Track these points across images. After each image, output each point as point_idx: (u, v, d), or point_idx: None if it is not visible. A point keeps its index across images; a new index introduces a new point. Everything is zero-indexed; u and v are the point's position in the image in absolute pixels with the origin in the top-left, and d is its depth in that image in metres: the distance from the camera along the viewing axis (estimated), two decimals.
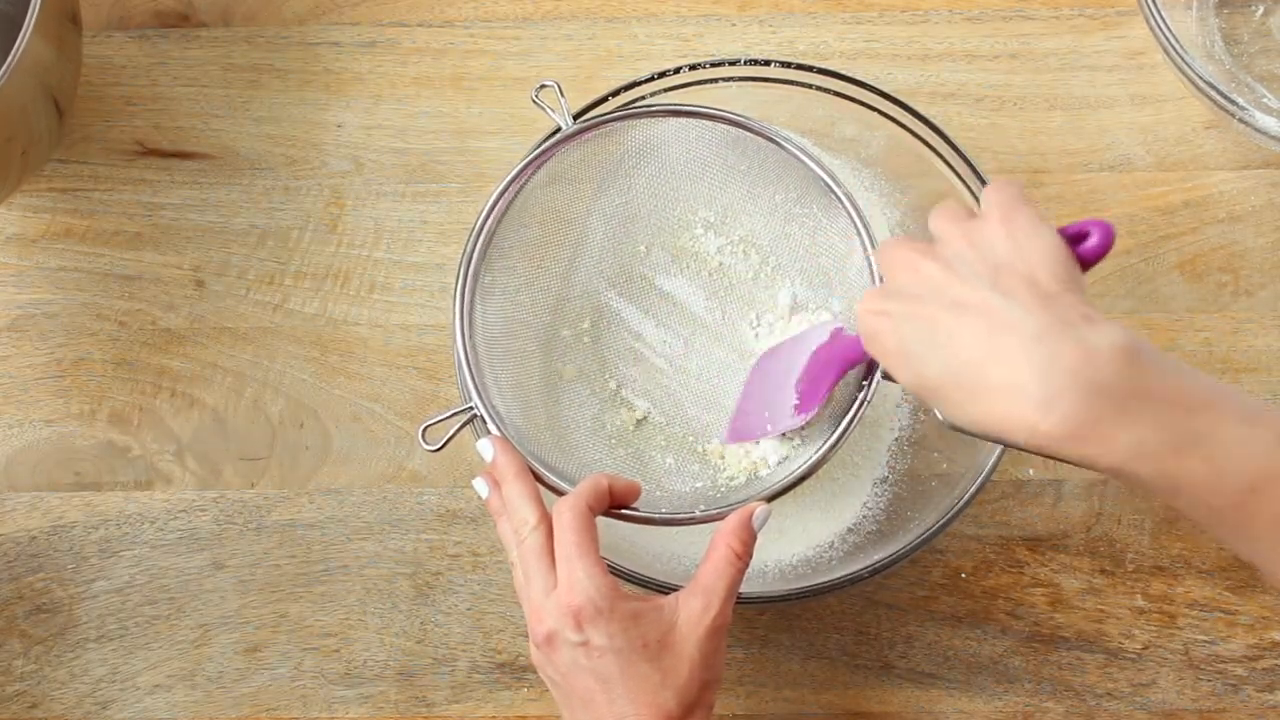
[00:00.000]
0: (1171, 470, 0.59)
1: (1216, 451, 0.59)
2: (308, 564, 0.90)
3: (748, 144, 0.83)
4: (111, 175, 0.97)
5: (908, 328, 0.65)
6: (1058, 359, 0.59)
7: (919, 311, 0.65)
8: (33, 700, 0.89)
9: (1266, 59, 0.96)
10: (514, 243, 0.83)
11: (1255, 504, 0.59)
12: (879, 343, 0.67)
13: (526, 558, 0.72)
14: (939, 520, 0.80)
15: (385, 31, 0.98)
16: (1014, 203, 0.65)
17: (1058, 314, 0.61)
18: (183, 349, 0.94)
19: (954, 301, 0.63)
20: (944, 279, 0.64)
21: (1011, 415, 0.60)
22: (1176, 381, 0.59)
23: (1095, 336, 0.60)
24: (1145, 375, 0.59)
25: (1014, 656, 0.88)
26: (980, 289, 0.63)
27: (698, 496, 0.82)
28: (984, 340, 0.62)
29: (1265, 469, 0.59)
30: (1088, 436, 0.59)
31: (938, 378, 0.64)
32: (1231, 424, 0.59)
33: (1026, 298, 0.62)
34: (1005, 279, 0.63)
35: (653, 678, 0.69)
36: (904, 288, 0.66)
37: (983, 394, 0.61)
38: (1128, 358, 0.59)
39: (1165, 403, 0.59)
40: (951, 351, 0.63)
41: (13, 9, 0.87)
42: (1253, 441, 0.59)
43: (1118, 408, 0.59)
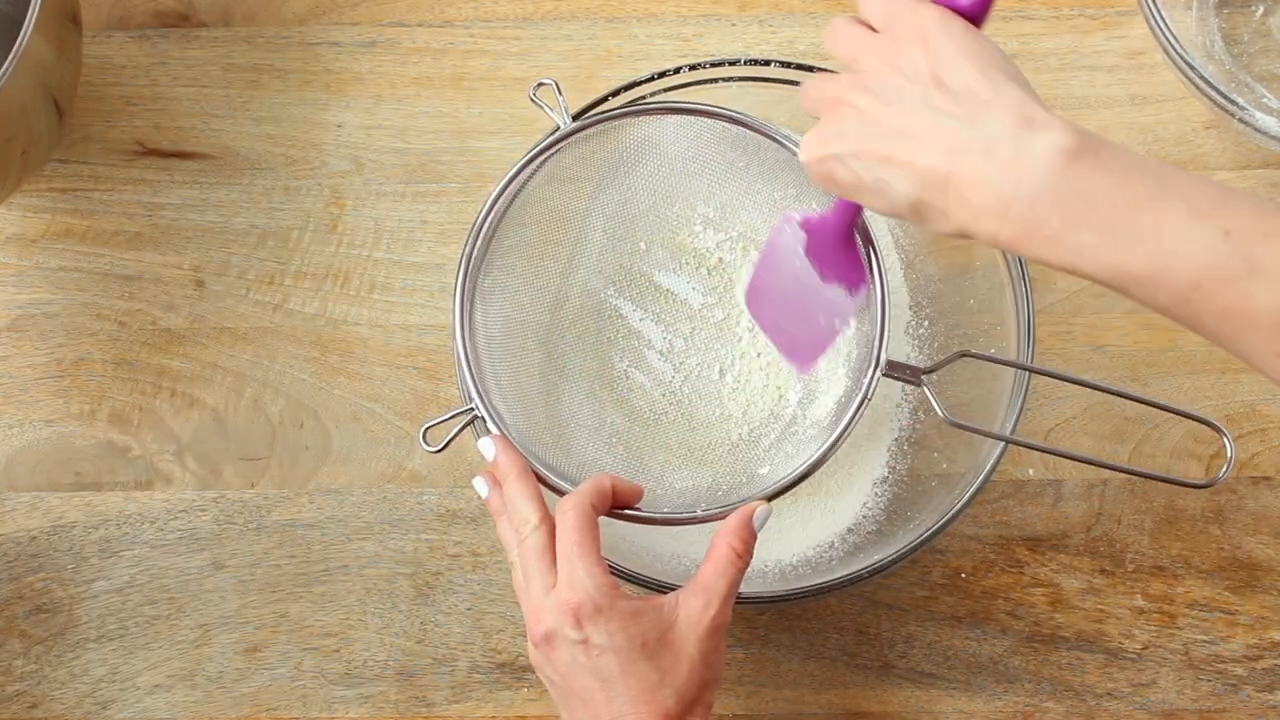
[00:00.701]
0: (1115, 268, 0.60)
1: (1158, 249, 0.59)
2: (308, 564, 0.90)
3: (747, 141, 0.83)
4: (111, 175, 0.97)
5: (859, 165, 0.65)
6: (1002, 169, 0.60)
7: (866, 148, 0.64)
8: (33, 700, 0.89)
9: (1266, 59, 0.96)
10: (513, 242, 0.83)
11: (1199, 301, 0.59)
12: (836, 183, 0.67)
13: (527, 557, 0.72)
14: (939, 520, 0.80)
15: (385, 31, 0.98)
16: (911, 7, 0.65)
17: (999, 121, 0.61)
18: (183, 349, 0.94)
19: (897, 130, 0.63)
20: (879, 110, 0.64)
21: (975, 226, 0.62)
22: (1122, 179, 0.60)
23: (1034, 141, 0.60)
24: (1087, 176, 0.59)
25: (1014, 656, 0.88)
26: (917, 112, 0.63)
27: (699, 495, 0.82)
28: (940, 162, 0.62)
29: (1205, 266, 0.58)
30: (1035, 239, 0.60)
31: (909, 202, 0.64)
32: (1174, 221, 0.59)
33: (963, 110, 0.62)
34: (938, 96, 0.63)
35: (652, 676, 0.69)
36: (842, 127, 0.65)
37: (950, 209, 0.62)
38: (1067, 159, 0.60)
39: (1106, 203, 0.59)
40: (915, 177, 0.63)
41: (13, 9, 0.87)
42: (1196, 238, 0.59)
43: (1059, 212, 0.59)
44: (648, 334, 0.88)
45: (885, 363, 0.77)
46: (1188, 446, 0.90)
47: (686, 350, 0.88)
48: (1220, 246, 0.58)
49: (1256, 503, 0.90)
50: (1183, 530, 0.89)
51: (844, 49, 0.66)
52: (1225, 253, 0.58)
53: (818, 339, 0.81)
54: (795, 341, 0.82)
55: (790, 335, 0.82)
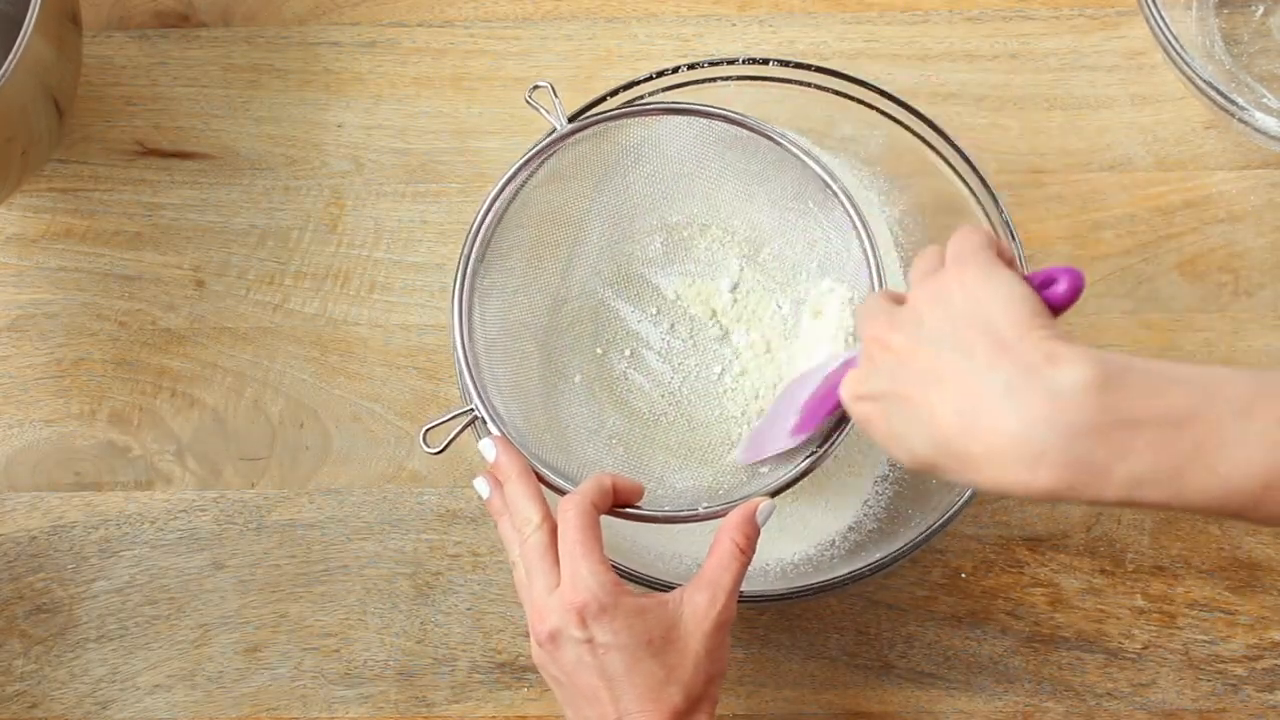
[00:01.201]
0: (1178, 490, 0.57)
1: (1218, 461, 0.57)
2: (308, 564, 0.90)
3: (745, 141, 0.83)
4: (111, 175, 0.97)
5: (891, 409, 0.64)
6: (1029, 412, 0.58)
7: (896, 391, 0.64)
8: (33, 700, 0.89)
9: (1266, 59, 0.96)
10: (512, 243, 0.83)
11: (1271, 499, 0.57)
12: (871, 430, 0.66)
13: (529, 556, 0.72)
14: (940, 518, 0.80)
15: (385, 31, 0.99)
16: (970, 250, 0.65)
17: (1020, 362, 0.59)
18: (183, 349, 0.94)
19: (923, 373, 0.62)
20: (911, 350, 0.63)
21: (1005, 479, 0.59)
22: (1160, 396, 0.57)
23: (1061, 378, 0.58)
24: (1123, 403, 0.57)
25: (1014, 656, 0.88)
26: (942, 353, 0.62)
27: (699, 494, 0.82)
28: (959, 409, 0.60)
29: (1272, 463, 0.57)
30: (1083, 481, 0.58)
31: (929, 455, 0.62)
32: (1226, 426, 0.57)
33: (986, 351, 0.60)
34: (963, 334, 0.61)
35: (658, 673, 0.69)
36: (879, 366, 0.65)
37: (972, 463, 0.60)
38: (1099, 390, 0.57)
39: (1152, 425, 0.57)
40: (934, 427, 0.61)
41: (13, 9, 0.87)
42: (1252, 438, 0.57)
43: (1104, 445, 0.57)
44: (646, 334, 0.88)
45: None
46: None
47: (685, 351, 0.88)
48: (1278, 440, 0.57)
49: None
50: (1183, 530, 0.89)
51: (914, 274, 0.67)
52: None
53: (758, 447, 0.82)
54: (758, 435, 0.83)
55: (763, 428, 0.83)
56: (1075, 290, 0.63)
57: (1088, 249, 0.93)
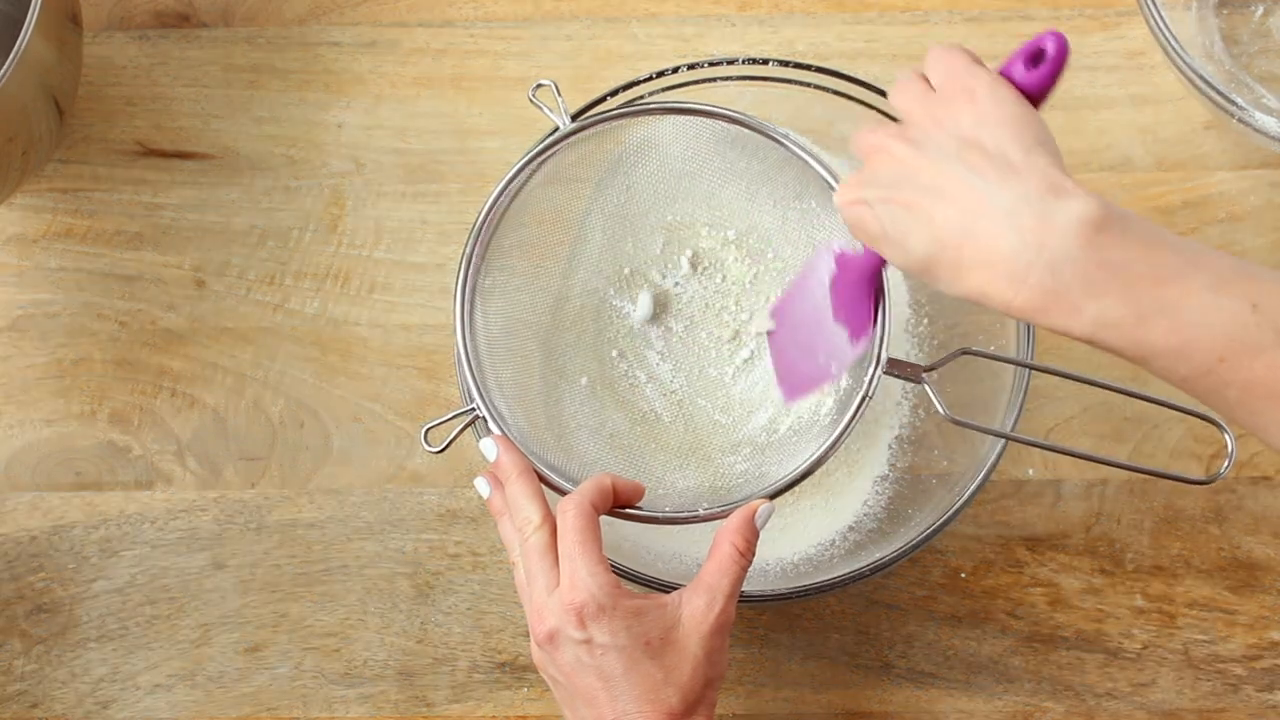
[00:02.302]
0: (1139, 340, 0.60)
1: (1182, 322, 0.59)
2: (308, 564, 0.90)
3: (746, 141, 0.83)
4: (111, 175, 0.97)
5: (886, 212, 0.65)
6: (1024, 234, 0.60)
7: (895, 196, 0.65)
8: (33, 700, 0.89)
9: (1266, 59, 0.96)
10: (513, 243, 0.83)
11: (1224, 373, 0.59)
12: (863, 229, 0.67)
13: (529, 556, 0.72)
14: (940, 518, 0.80)
15: (385, 31, 0.99)
16: (968, 70, 0.66)
17: (1025, 187, 0.61)
18: (183, 349, 0.94)
19: (927, 184, 0.64)
20: (915, 162, 0.65)
21: (990, 290, 0.62)
22: (1149, 250, 0.60)
23: (1060, 210, 0.60)
24: (1112, 247, 0.59)
25: (1014, 656, 0.88)
26: (950, 168, 0.63)
27: (700, 495, 0.82)
28: (958, 219, 0.62)
29: (1232, 338, 0.58)
30: (1055, 309, 0.60)
31: (923, 258, 0.64)
32: (1200, 293, 0.59)
33: (994, 172, 0.62)
34: (972, 155, 0.63)
35: (656, 675, 0.69)
36: (878, 173, 0.66)
37: (964, 270, 0.62)
38: (1093, 229, 0.59)
39: (1132, 274, 0.59)
40: (931, 233, 0.63)
41: (13, 9, 0.87)
42: (1220, 310, 0.59)
43: (1082, 280, 0.59)
44: (647, 334, 0.89)
45: (886, 360, 0.77)
46: (1187, 446, 0.90)
47: (687, 351, 0.88)
48: (1247, 318, 0.58)
49: (1256, 503, 0.90)
50: (1182, 530, 0.89)
51: (901, 101, 0.68)
52: (1252, 324, 0.58)
53: (812, 375, 0.81)
54: (792, 370, 0.82)
55: (791, 362, 0.82)
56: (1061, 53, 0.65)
57: None
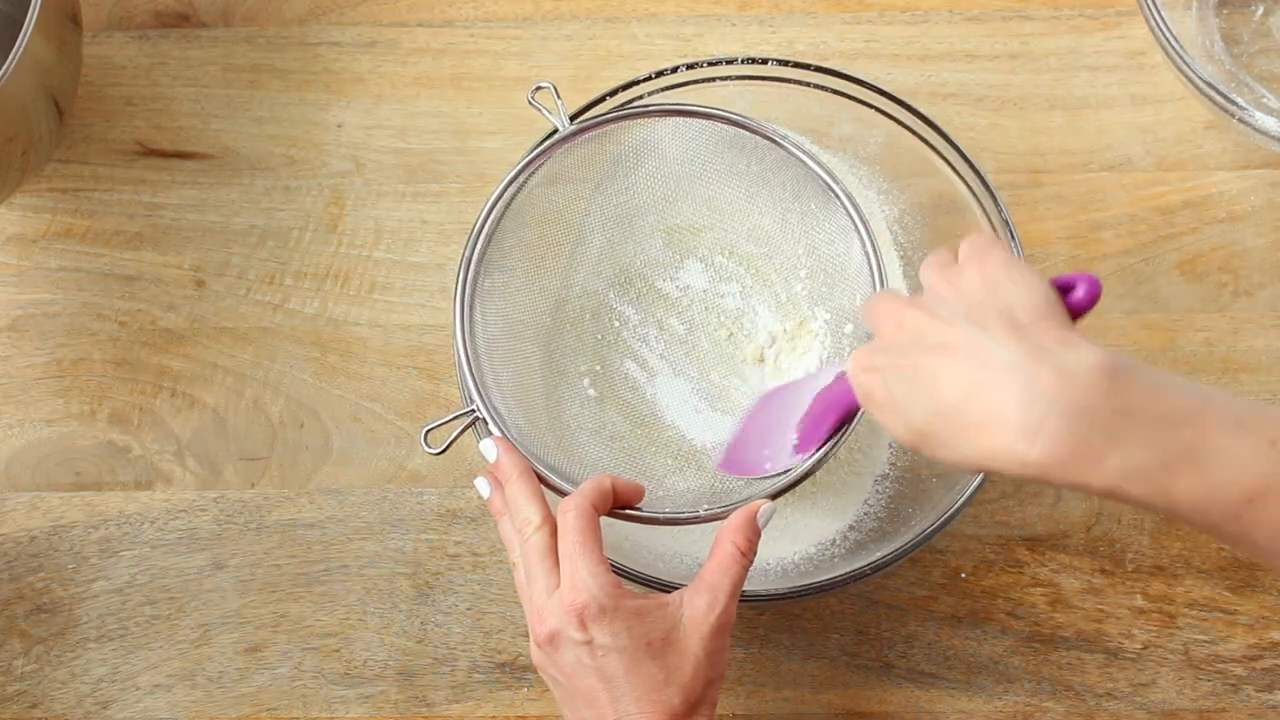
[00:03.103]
0: (1165, 488, 0.58)
1: (1208, 466, 0.58)
2: (308, 564, 0.90)
3: (745, 142, 0.83)
4: (111, 175, 0.97)
5: (894, 378, 0.65)
6: (1035, 386, 0.59)
7: (904, 361, 0.65)
8: (33, 700, 0.89)
9: (1266, 59, 0.96)
10: (513, 244, 0.83)
11: (1253, 515, 0.58)
12: (872, 399, 0.67)
13: (529, 557, 0.72)
14: (940, 518, 0.80)
15: (385, 31, 0.98)
16: (989, 246, 0.66)
17: (1032, 341, 0.60)
18: (183, 349, 0.94)
19: (935, 344, 0.63)
20: (926, 325, 0.64)
21: (999, 449, 0.60)
22: (1161, 396, 0.59)
23: (1072, 359, 0.59)
24: (1127, 393, 0.58)
25: (1014, 656, 0.88)
26: (956, 326, 0.63)
27: (700, 495, 0.82)
28: (964, 377, 0.61)
29: (1259, 478, 0.58)
30: (1075, 461, 0.59)
31: (925, 422, 0.63)
32: (1221, 434, 0.58)
33: (1000, 329, 0.61)
34: (980, 314, 0.63)
35: (657, 676, 0.69)
36: (890, 341, 0.66)
37: (970, 431, 0.61)
38: (1107, 377, 0.58)
39: (1151, 419, 0.58)
40: (935, 393, 0.62)
41: (13, 9, 0.87)
42: (1244, 451, 0.58)
43: (1102, 429, 0.58)
44: (648, 335, 0.89)
45: None
46: None
47: (686, 352, 0.88)
48: (1270, 456, 0.58)
49: None
50: (1183, 530, 0.89)
51: (925, 274, 0.68)
52: (1275, 462, 0.58)
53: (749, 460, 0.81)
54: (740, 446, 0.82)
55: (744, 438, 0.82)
56: (1093, 296, 0.64)
57: (1088, 249, 0.93)
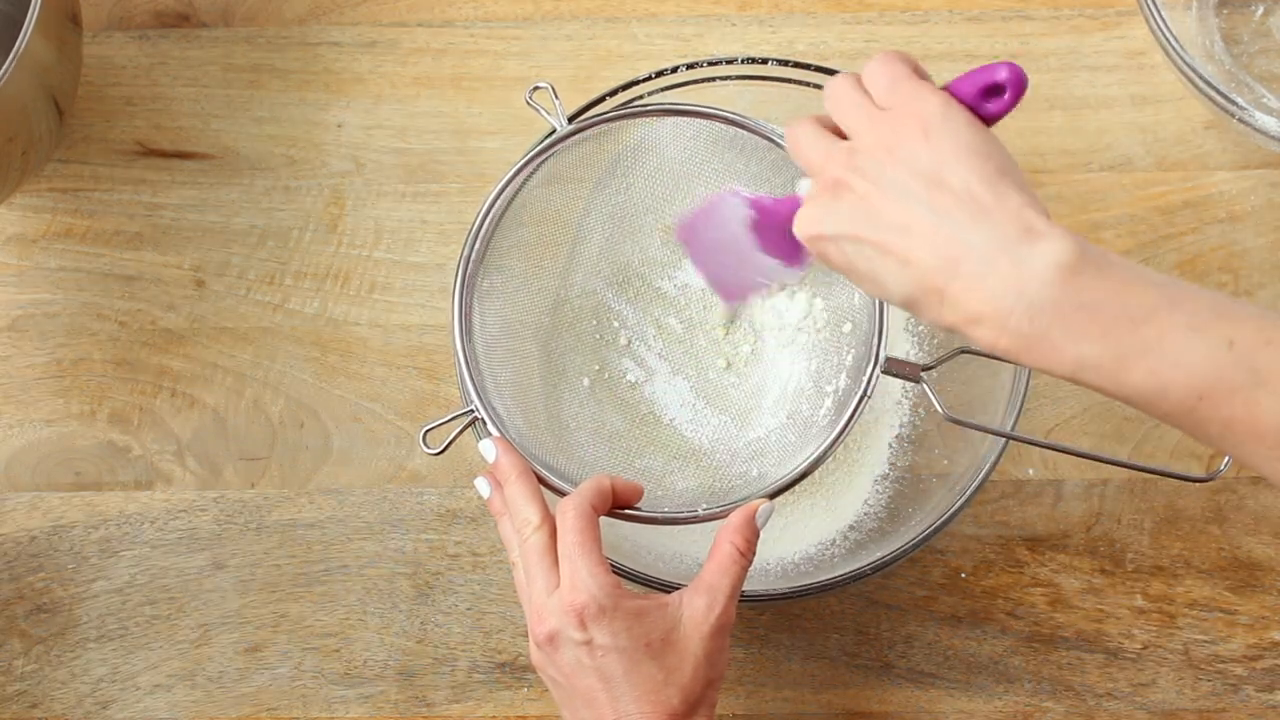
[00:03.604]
0: (1119, 381, 0.59)
1: (1161, 362, 0.59)
2: (308, 564, 0.90)
3: (744, 142, 0.83)
4: (111, 175, 0.97)
5: (855, 251, 0.64)
6: (1002, 280, 0.60)
7: (862, 235, 0.63)
8: (33, 700, 0.89)
9: (1266, 59, 0.96)
10: (512, 244, 0.83)
11: (1204, 411, 0.59)
12: (829, 262, 0.66)
13: (529, 557, 0.72)
14: (940, 518, 0.80)
15: (385, 31, 0.99)
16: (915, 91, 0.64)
17: (998, 230, 0.60)
18: (183, 349, 0.94)
19: (894, 223, 0.62)
20: (876, 199, 0.62)
21: (973, 332, 0.61)
22: (1123, 291, 0.59)
23: (1035, 255, 0.59)
24: (1089, 289, 0.59)
25: (1014, 656, 0.88)
26: (916, 209, 0.62)
27: (699, 495, 0.82)
28: (935, 261, 0.61)
29: (1210, 377, 0.58)
30: (1037, 351, 0.60)
31: (905, 297, 0.63)
32: (1177, 332, 0.59)
33: (963, 214, 0.61)
34: (938, 195, 0.61)
35: (656, 676, 0.69)
36: (837, 208, 0.64)
37: (948, 308, 0.62)
38: (1069, 272, 0.59)
39: (1109, 316, 0.59)
40: (909, 274, 0.62)
41: (13, 9, 0.87)
42: (1197, 349, 0.58)
43: (1061, 323, 0.59)
44: (647, 335, 0.88)
45: (884, 360, 0.77)
46: (1188, 446, 0.90)
47: (684, 352, 0.88)
48: (1224, 357, 0.58)
49: (1256, 502, 0.90)
50: (1183, 530, 0.89)
51: (843, 116, 0.65)
52: (1229, 363, 0.58)
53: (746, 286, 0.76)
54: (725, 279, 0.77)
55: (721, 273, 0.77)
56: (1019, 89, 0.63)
57: None
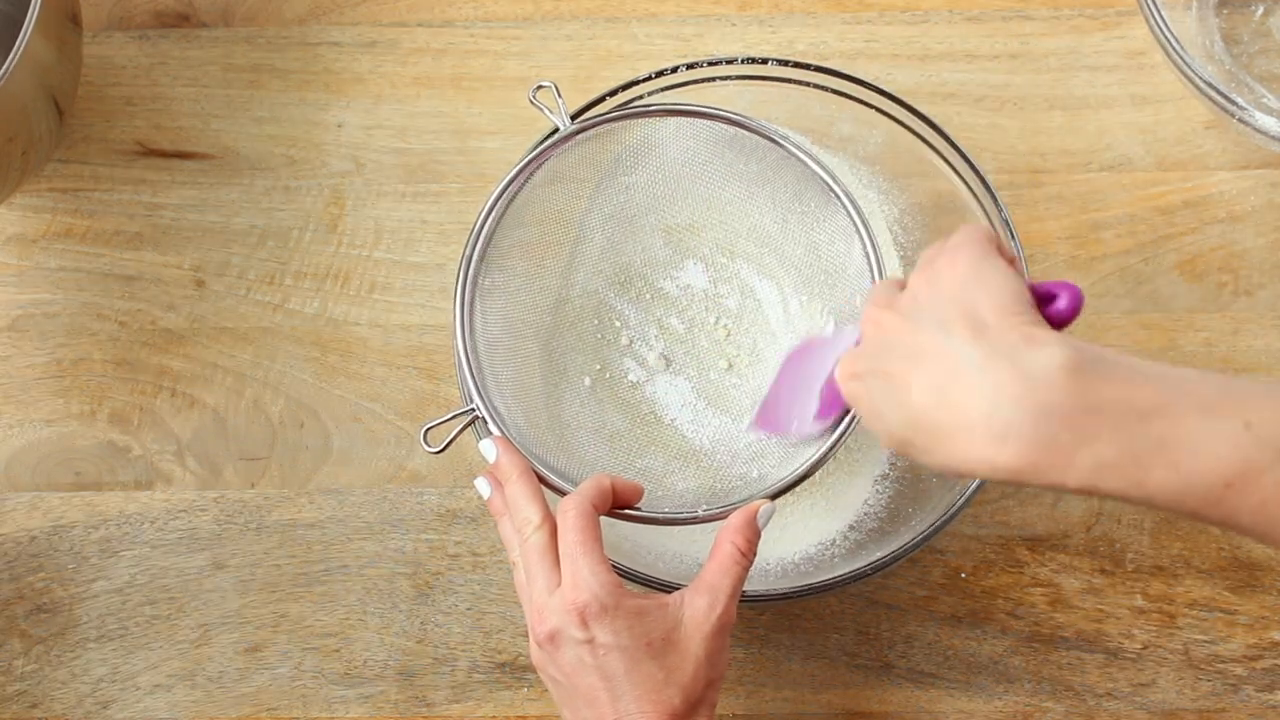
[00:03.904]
0: (1139, 481, 0.58)
1: (1180, 456, 0.57)
2: (308, 564, 0.90)
3: (745, 143, 0.83)
4: (111, 175, 0.97)
5: (874, 385, 0.65)
6: (1000, 389, 0.58)
7: (882, 369, 0.64)
8: (33, 700, 0.89)
9: (1266, 59, 0.96)
10: (513, 243, 0.83)
11: (1233, 500, 0.57)
12: (859, 406, 0.67)
13: (529, 556, 0.72)
14: (940, 518, 0.80)
15: (385, 31, 0.99)
16: (967, 241, 0.65)
17: (995, 342, 0.60)
18: (183, 349, 0.94)
19: (906, 351, 0.63)
20: (901, 330, 0.64)
21: (970, 455, 0.59)
22: (1129, 388, 0.58)
23: (1034, 359, 0.58)
24: (1093, 389, 0.58)
25: (1014, 656, 0.88)
26: (924, 331, 0.62)
27: (700, 495, 0.82)
28: (932, 384, 0.61)
29: (1235, 464, 0.57)
30: (1046, 463, 0.58)
31: (901, 430, 0.63)
32: (1191, 421, 0.57)
33: (964, 331, 0.61)
34: (946, 313, 0.62)
35: (657, 676, 0.69)
36: (871, 346, 0.66)
37: (942, 438, 0.60)
38: (1072, 375, 0.58)
39: (1119, 414, 0.57)
40: (909, 402, 0.62)
41: (13, 9, 0.87)
42: (1217, 437, 0.57)
43: (1070, 428, 0.57)
44: (647, 334, 0.89)
45: None
46: None
47: (686, 352, 0.88)
48: (1244, 438, 0.57)
49: None
50: (1183, 530, 0.89)
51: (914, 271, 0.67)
52: (1251, 444, 0.57)
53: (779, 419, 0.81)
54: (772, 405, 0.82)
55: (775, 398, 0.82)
56: (1074, 308, 0.63)
57: (1088, 249, 0.93)
